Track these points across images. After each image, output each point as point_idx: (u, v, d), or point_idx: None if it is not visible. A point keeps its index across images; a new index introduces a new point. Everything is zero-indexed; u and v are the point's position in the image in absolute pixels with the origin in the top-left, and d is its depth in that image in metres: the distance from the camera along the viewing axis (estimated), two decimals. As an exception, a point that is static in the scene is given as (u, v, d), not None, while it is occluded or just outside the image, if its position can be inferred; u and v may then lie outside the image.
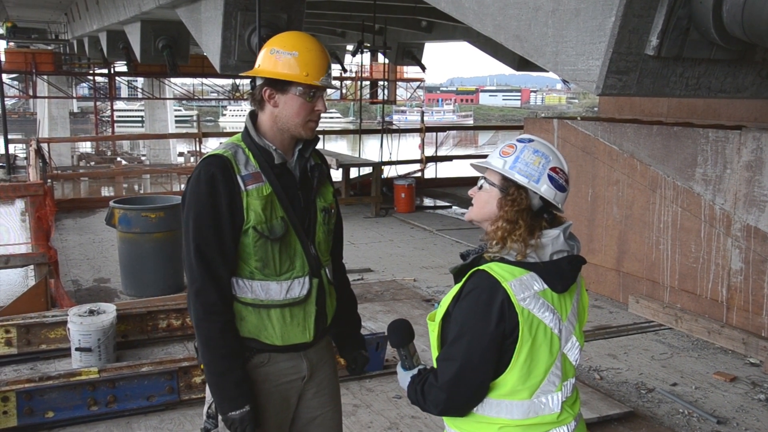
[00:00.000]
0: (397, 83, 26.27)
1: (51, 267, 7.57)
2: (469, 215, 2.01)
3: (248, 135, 2.30)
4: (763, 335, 5.85)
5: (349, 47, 20.79)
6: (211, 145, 18.24)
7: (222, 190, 2.19)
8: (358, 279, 8.27)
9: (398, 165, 16.67)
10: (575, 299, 1.98)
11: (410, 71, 26.83)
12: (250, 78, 2.31)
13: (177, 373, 4.42)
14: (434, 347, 1.98)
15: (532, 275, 1.87)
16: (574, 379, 2.01)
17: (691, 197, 6.45)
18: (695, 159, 6.39)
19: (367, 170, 14.55)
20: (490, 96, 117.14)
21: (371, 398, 4.71)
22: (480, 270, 1.88)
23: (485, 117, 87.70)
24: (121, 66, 25.02)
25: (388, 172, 15.65)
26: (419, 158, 17.66)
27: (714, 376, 5.47)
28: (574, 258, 1.93)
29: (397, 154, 17.12)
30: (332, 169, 11.34)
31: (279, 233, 2.24)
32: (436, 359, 1.94)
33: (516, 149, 1.91)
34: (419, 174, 17.06)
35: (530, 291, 1.85)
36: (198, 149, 19.52)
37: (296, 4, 8.24)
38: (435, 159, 17.82)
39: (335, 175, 12.05)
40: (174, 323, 5.59)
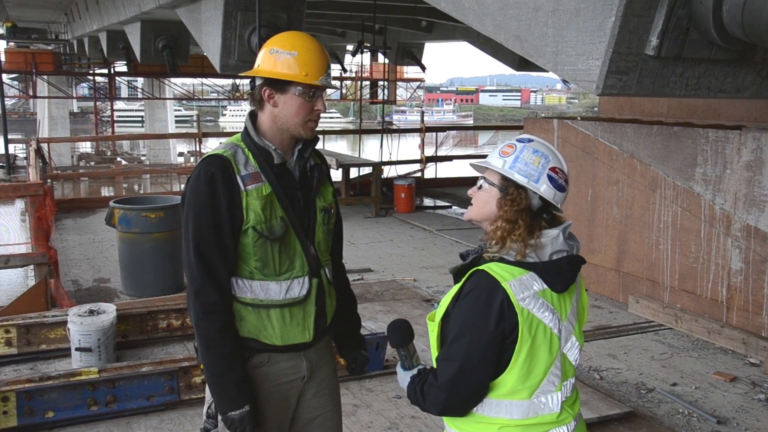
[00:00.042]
0: (397, 83, 26.27)
1: (51, 267, 7.57)
2: (469, 215, 2.01)
3: (248, 135, 2.30)
4: (763, 335, 5.85)
5: (349, 47, 20.79)
6: (211, 145, 18.23)
7: (221, 190, 2.19)
8: (358, 279, 8.27)
9: (398, 165, 16.68)
10: (575, 299, 1.98)
11: (410, 71, 26.82)
12: (250, 78, 2.31)
13: (177, 373, 4.42)
14: (434, 347, 1.98)
15: (532, 275, 1.87)
16: (574, 379, 2.00)
17: (691, 197, 6.45)
18: (695, 159, 6.39)
19: (367, 170, 14.55)
20: (490, 96, 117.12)
21: (371, 398, 4.71)
22: (479, 270, 1.88)
23: (485, 117, 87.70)
24: (121, 66, 25.03)
25: (388, 172, 15.65)
26: (419, 158, 17.67)
27: (714, 376, 5.47)
28: (574, 258, 1.93)
29: (397, 154, 17.13)
30: (332, 169, 11.33)
31: (278, 233, 2.24)
32: (436, 359, 1.94)
33: (516, 149, 1.91)
34: (419, 174, 17.06)
35: (530, 291, 1.85)
36: (198, 149, 19.52)
37: (296, 4, 8.24)
38: (435, 159, 17.82)
39: (335, 175, 12.04)
40: (174, 323, 5.60)
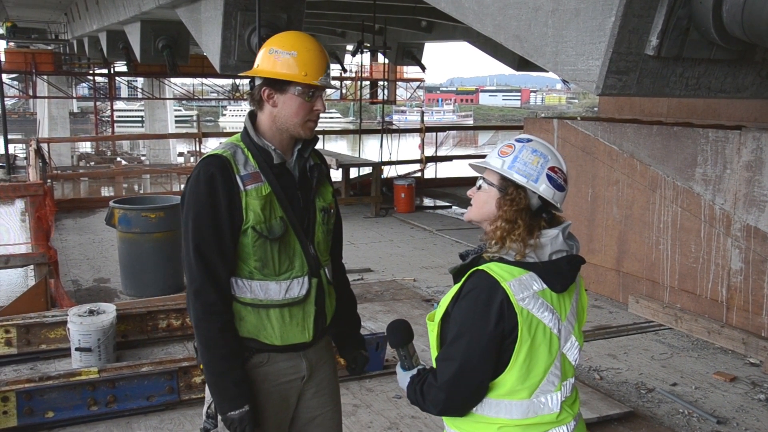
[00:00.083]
0: (397, 83, 26.26)
1: (51, 267, 7.58)
2: (468, 215, 2.01)
3: (247, 135, 2.30)
4: (763, 335, 5.85)
5: (349, 47, 20.79)
6: (211, 145, 18.23)
7: (221, 190, 2.19)
8: (358, 279, 8.27)
9: (398, 165, 16.68)
10: (574, 299, 1.98)
11: (410, 71, 26.82)
12: (250, 78, 2.31)
13: (177, 373, 4.42)
14: (433, 347, 1.98)
15: (531, 275, 1.87)
16: (574, 379, 2.00)
17: (691, 197, 6.45)
18: (695, 159, 6.39)
19: (367, 170, 14.55)
20: (490, 96, 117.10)
21: (371, 398, 4.71)
22: (479, 270, 1.88)
23: (485, 117, 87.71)
24: (121, 66, 25.03)
25: (388, 172, 15.65)
26: (419, 158, 17.67)
27: (714, 376, 5.47)
28: (573, 258, 1.93)
29: (397, 154, 17.13)
30: (332, 169, 11.33)
31: (278, 233, 2.24)
32: (435, 359, 1.94)
33: (514, 149, 1.91)
34: (419, 174, 17.06)
35: (529, 291, 1.85)
36: (198, 149, 19.52)
37: (296, 4, 8.24)
38: (435, 159, 17.83)
39: (335, 175, 12.05)
40: (174, 323, 5.60)
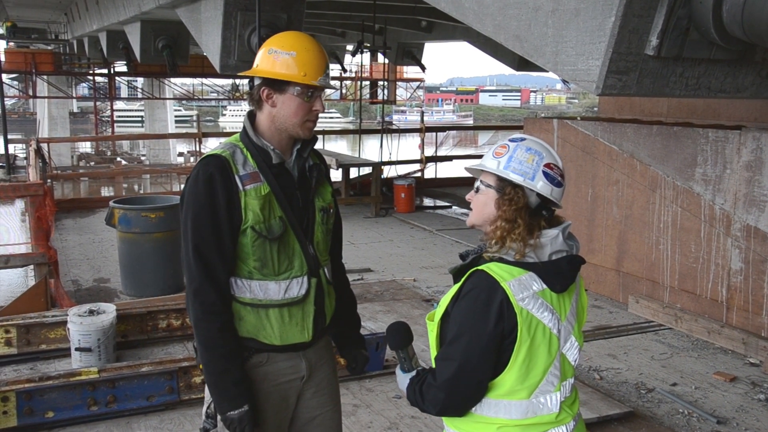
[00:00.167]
0: (397, 83, 26.27)
1: (51, 267, 7.58)
2: (471, 220, 2.01)
3: (246, 135, 2.30)
4: (763, 335, 5.85)
5: (349, 47, 20.79)
6: (211, 145, 18.21)
7: (220, 190, 2.19)
8: (358, 279, 8.27)
9: (398, 165, 16.68)
10: (574, 299, 1.98)
11: (410, 71, 26.83)
12: (249, 78, 2.31)
13: (177, 373, 4.42)
14: (433, 347, 1.98)
15: (531, 275, 1.87)
16: (573, 379, 2.00)
17: (691, 197, 6.45)
18: (695, 159, 6.39)
19: (367, 170, 14.55)
20: (490, 96, 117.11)
21: (371, 398, 4.71)
22: (479, 270, 1.88)
23: (485, 117, 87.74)
24: (121, 66, 25.04)
25: (388, 172, 15.65)
26: (419, 158, 17.67)
27: (714, 376, 5.46)
28: (573, 258, 1.93)
29: (397, 154, 17.13)
30: (332, 169, 11.34)
31: (277, 233, 2.24)
32: (435, 358, 1.94)
33: (509, 149, 1.92)
34: (419, 174, 17.06)
35: (529, 291, 1.85)
36: (198, 149, 19.52)
37: (296, 4, 8.24)
38: (435, 159, 17.83)
39: (335, 175, 12.05)
40: (174, 323, 5.60)
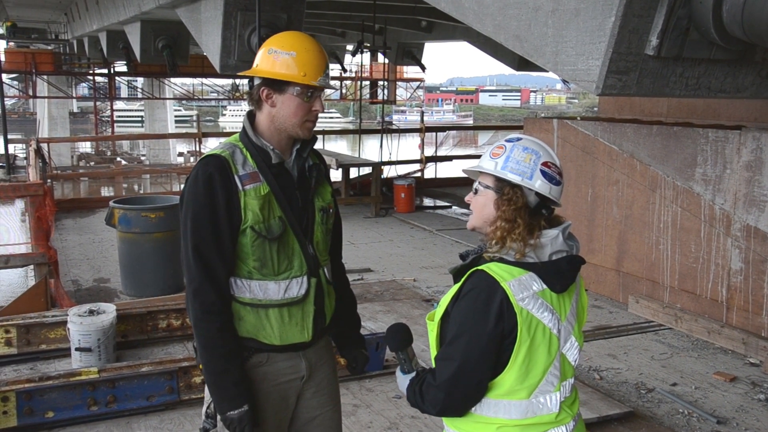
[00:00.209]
0: (397, 83, 26.27)
1: (51, 267, 7.58)
2: (471, 223, 2.01)
3: (246, 135, 2.30)
4: (763, 335, 5.85)
5: (349, 47, 20.79)
6: (211, 145, 18.20)
7: (219, 190, 2.19)
8: (358, 279, 8.27)
9: (398, 165, 16.68)
10: (574, 299, 1.98)
11: (410, 71, 26.83)
12: (249, 78, 2.31)
13: (177, 373, 4.42)
14: (433, 347, 1.98)
15: (531, 275, 1.87)
16: (573, 379, 2.00)
17: (691, 197, 6.45)
18: (695, 159, 6.39)
19: (367, 170, 14.55)
20: (490, 96, 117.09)
21: (371, 398, 4.71)
22: (479, 270, 1.88)
23: (485, 117, 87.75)
24: (121, 66, 25.03)
25: (388, 172, 15.65)
26: (419, 158, 17.67)
27: (714, 376, 5.46)
28: (573, 258, 1.93)
29: (397, 154, 17.13)
30: (332, 169, 11.34)
31: (276, 233, 2.24)
32: (435, 358, 1.94)
33: (505, 149, 1.92)
34: (419, 174, 17.06)
35: (529, 291, 1.85)
36: (198, 149, 19.52)
37: (296, 4, 8.24)
38: (435, 159, 17.83)
39: (335, 175, 12.05)
40: (174, 323, 5.60)
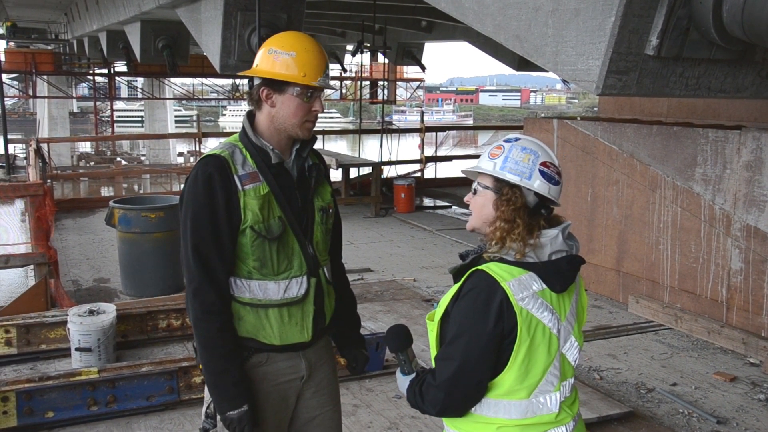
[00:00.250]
0: (397, 83, 26.27)
1: (51, 267, 7.58)
2: (471, 223, 2.01)
3: (245, 135, 2.30)
4: (763, 335, 5.85)
5: (349, 47, 20.79)
6: (211, 145, 18.21)
7: (219, 190, 2.19)
8: (358, 279, 8.27)
9: (398, 165, 16.68)
10: (574, 299, 1.98)
11: (410, 71, 26.84)
12: (249, 78, 2.31)
13: (177, 373, 4.42)
14: (433, 347, 1.98)
15: (531, 275, 1.87)
16: (573, 379, 2.00)
17: (691, 197, 6.45)
18: (695, 159, 6.39)
19: (367, 170, 14.55)
20: (490, 96, 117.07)
21: (371, 398, 4.71)
22: (479, 270, 1.88)
23: (485, 117, 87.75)
24: (121, 66, 25.04)
25: (388, 172, 15.65)
26: (419, 158, 17.67)
27: (714, 376, 5.46)
28: (573, 258, 1.93)
29: (397, 154, 17.13)
30: (332, 169, 11.33)
31: (276, 233, 2.24)
32: (435, 358, 1.94)
33: (504, 150, 1.92)
34: (419, 174, 17.06)
35: (529, 291, 1.85)
36: (198, 149, 19.51)
37: (296, 4, 8.24)
38: (435, 159, 17.83)
39: (335, 175, 12.04)
40: (174, 323, 5.60)
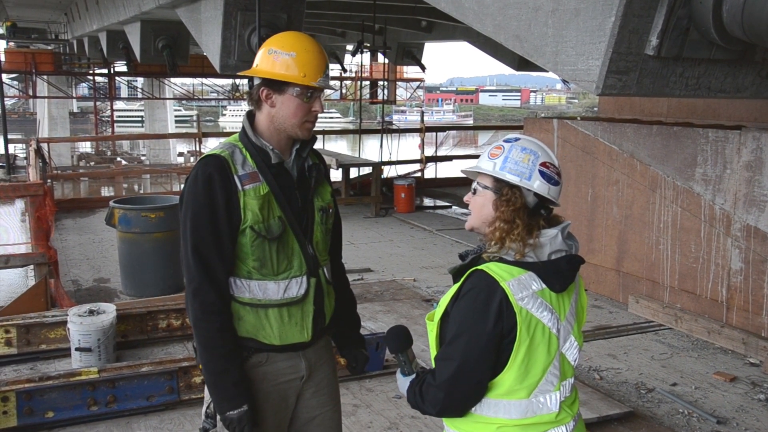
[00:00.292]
0: (397, 83, 26.27)
1: (51, 267, 7.58)
2: (470, 223, 2.01)
3: (245, 135, 2.30)
4: (763, 335, 5.85)
5: (349, 47, 20.79)
6: (211, 145, 18.21)
7: (219, 190, 2.19)
8: (358, 279, 8.27)
9: (398, 165, 16.68)
10: (574, 299, 1.98)
11: (410, 71, 26.84)
12: (249, 78, 2.31)
13: (177, 373, 4.42)
14: (433, 347, 1.98)
15: (531, 275, 1.87)
16: (573, 379, 2.00)
17: (691, 197, 6.45)
18: (695, 159, 6.39)
19: (367, 170, 14.55)
20: (490, 96, 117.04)
21: (371, 398, 4.71)
22: (478, 270, 1.88)
23: (485, 117, 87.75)
24: (121, 66, 25.04)
25: (388, 172, 15.65)
26: (419, 158, 17.67)
27: (714, 376, 5.46)
28: (573, 257, 1.93)
29: (397, 154, 17.13)
30: (332, 169, 11.33)
31: (276, 233, 2.25)
32: (434, 358, 1.94)
33: (504, 150, 1.92)
34: (419, 174, 17.06)
35: (528, 290, 1.85)
36: (198, 149, 19.51)
37: (296, 4, 8.24)
38: (435, 159, 17.83)
39: (335, 175, 12.04)
40: (174, 323, 5.60)
